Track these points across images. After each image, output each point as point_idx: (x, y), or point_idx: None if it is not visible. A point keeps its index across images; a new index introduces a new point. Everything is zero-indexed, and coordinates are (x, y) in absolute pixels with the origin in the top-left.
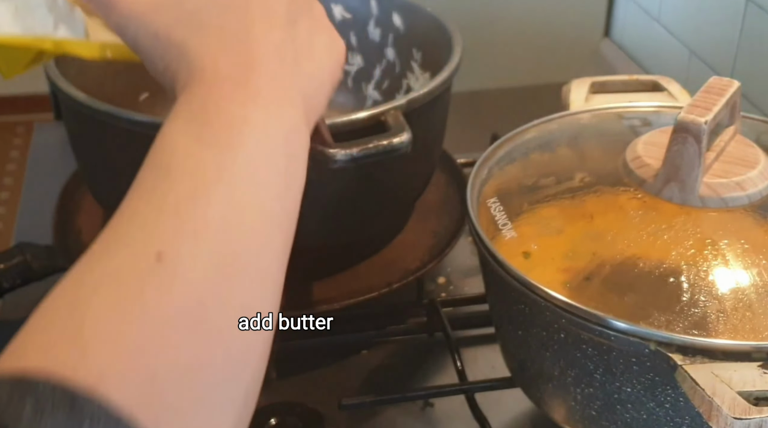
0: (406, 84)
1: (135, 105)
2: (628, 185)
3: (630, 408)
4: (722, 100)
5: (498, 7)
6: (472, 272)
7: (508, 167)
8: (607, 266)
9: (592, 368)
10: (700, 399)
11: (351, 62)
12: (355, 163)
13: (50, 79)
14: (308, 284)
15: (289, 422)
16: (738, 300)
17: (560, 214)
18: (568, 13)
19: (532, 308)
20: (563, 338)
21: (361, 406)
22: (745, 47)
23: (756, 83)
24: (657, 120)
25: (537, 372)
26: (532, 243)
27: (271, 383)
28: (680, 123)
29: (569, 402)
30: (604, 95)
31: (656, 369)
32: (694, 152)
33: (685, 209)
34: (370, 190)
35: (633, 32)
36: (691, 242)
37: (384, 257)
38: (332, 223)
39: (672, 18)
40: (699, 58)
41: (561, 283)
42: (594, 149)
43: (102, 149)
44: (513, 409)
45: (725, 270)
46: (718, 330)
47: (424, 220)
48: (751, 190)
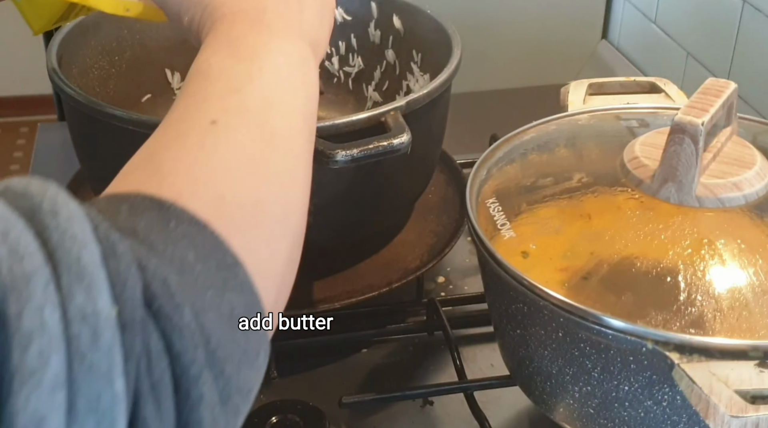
0: (405, 85)
1: (137, 106)
2: (626, 186)
3: (627, 406)
4: (719, 101)
5: (497, 10)
6: (471, 272)
7: (507, 168)
8: (604, 265)
9: (590, 366)
10: (697, 397)
11: (351, 64)
12: (355, 163)
13: (53, 81)
14: (309, 284)
15: (290, 420)
16: (735, 299)
17: (558, 214)
18: (566, 16)
19: (530, 308)
20: (561, 336)
21: (362, 404)
22: (741, 49)
23: (752, 85)
24: (654, 121)
25: (535, 371)
26: (530, 243)
27: (272, 381)
28: (677, 124)
29: (567, 400)
30: (602, 97)
31: (654, 368)
32: (691, 153)
33: (682, 209)
34: (370, 190)
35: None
36: (688, 241)
37: (384, 256)
38: (332, 223)
39: (669, 20)
40: (696, 59)
41: (559, 282)
42: (592, 149)
43: (105, 150)
44: (512, 407)
45: (722, 270)
46: (715, 329)
47: (423, 220)
48: (747, 190)
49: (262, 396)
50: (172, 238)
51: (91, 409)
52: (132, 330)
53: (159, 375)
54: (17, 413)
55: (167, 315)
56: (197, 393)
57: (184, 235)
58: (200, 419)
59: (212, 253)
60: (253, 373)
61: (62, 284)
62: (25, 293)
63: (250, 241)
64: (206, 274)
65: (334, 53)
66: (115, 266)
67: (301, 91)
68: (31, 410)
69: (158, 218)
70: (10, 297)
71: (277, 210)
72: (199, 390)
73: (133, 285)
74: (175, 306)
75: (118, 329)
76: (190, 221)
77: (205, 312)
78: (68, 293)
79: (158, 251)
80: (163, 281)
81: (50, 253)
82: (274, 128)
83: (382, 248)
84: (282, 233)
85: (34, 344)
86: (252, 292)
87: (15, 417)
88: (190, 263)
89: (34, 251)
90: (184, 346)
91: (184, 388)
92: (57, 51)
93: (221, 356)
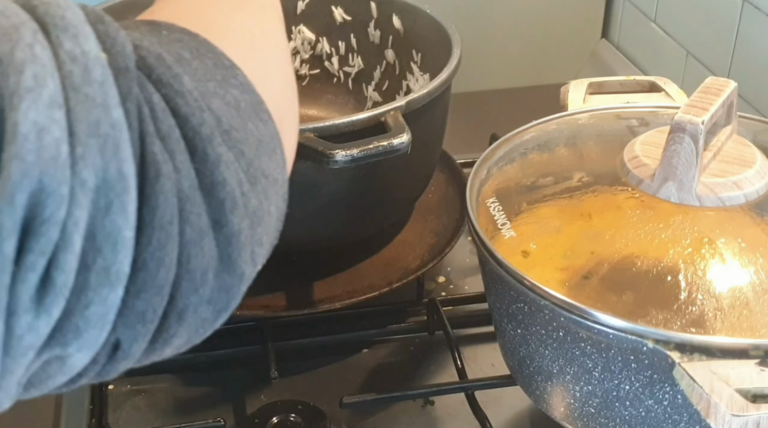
0: (405, 85)
1: None
2: (626, 185)
3: (628, 405)
4: (719, 100)
5: (496, 9)
6: (471, 272)
7: (507, 167)
8: (605, 264)
9: (590, 365)
10: (698, 396)
11: (351, 64)
12: (355, 163)
13: None
14: (309, 284)
15: (291, 420)
16: (735, 298)
17: (559, 213)
18: (566, 15)
19: (531, 307)
20: (562, 336)
21: (362, 404)
22: (741, 47)
23: (752, 83)
24: (654, 120)
25: (536, 370)
26: (530, 242)
27: (273, 381)
28: (677, 123)
29: (568, 399)
30: (602, 96)
31: (654, 367)
32: (691, 152)
33: (682, 208)
34: (370, 190)
35: (630, 34)
36: (689, 240)
37: (384, 256)
38: (332, 223)
39: (669, 19)
40: (696, 58)
41: (560, 282)
42: (592, 149)
43: None
44: (512, 407)
45: (722, 268)
46: (715, 328)
47: (424, 220)
48: (747, 189)
49: (262, 397)
50: (165, 40)
51: (92, 133)
52: (126, 75)
53: (167, 130)
54: (18, 123)
55: (167, 82)
56: (213, 152)
57: (178, 40)
58: (224, 179)
59: (206, 53)
60: (275, 165)
61: (50, 32)
62: (14, 36)
63: (242, 57)
64: (204, 68)
65: (334, 53)
66: (104, 29)
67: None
68: (31, 120)
69: (151, 29)
70: (1, 40)
71: (263, 43)
72: (215, 150)
73: (123, 43)
74: (173, 75)
75: (109, 69)
76: (182, 31)
77: (210, 97)
78: (56, 40)
79: (152, 44)
80: (158, 55)
81: (38, 17)
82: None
83: (383, 248)
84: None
85: (28, 69)
86: (254, 92)
87: (17, 126)
88: (186, 59)
89: (19, 11)
90: (190, 109)
91: (200, 148)
92: None
93: (236, 137)
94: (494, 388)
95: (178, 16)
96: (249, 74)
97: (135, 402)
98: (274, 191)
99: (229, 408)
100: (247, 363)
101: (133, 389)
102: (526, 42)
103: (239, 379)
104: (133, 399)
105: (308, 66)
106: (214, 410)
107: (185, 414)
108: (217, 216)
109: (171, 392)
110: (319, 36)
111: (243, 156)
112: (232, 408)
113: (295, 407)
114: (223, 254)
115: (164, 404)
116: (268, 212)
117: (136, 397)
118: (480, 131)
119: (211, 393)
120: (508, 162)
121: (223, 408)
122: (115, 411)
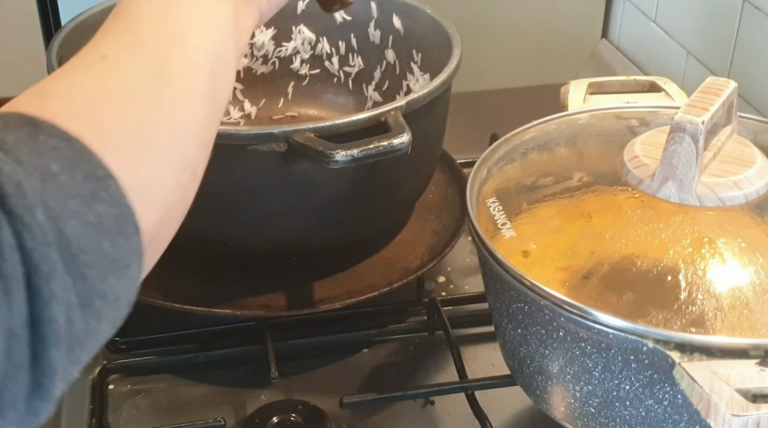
0: (406, 85)
1: None
2: (626, 185)
3: (628, 405)
4: (719, 100)
5: (496, 9)
6: (472, 271)
7: (508, 167)
8: (605, 264)
9: (590, 365)
10: (698, 396)
11: (351, 64)
12: (355, 163)
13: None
14: (309, 284)
15: (291, 420)
16: (735, 298)
17: (559, 213)
18: (566, 15)
19: (531, 307)
20: (562, 336)
21: (363, 404)
22: (741, 48)
23: (752, 83)
24: (654, 120)
25: (536, 370)
26: (531, 242)
27: (273, 381)
28: (677, 123)
29: (568, 399)
30: (602, 96)
31: (654, 367)
32: (691, 152)
33: (682, 208)
34: (370, 190)
35: (630, 34)
36: (689, 240)
37: (384, 256)
38: (333, 223)
39: (669, 19)
40: (696, 58)
41: (560, 282)
42: (592, 149)
43: None
44: (513, 407)
45: (723, 268)
46: (715, 328)
47: (424, 219)
48: (747, 189)
49: (262, 397)
50: (38, 150)
51: None
52: None
53: (9, 270)
54: None
55: (18, 215)
56: (48, 290)
57: (53, 148)
58: (51, 316)
59: (79, 165)
60: (122, 282)
61: None
62: None
63: (128, 160)
64: (71, 184)
65: (334, 53)
66: None
67: (214, 32)
68: None
69: (28, 133)
70: None
71: (162, 137)
72: (50, 288)
73: None
74: (26, 207)
75: None
76: (61, 136)
77: (66, 218)
78: None
79: (20, 161)
80: (17, 183)
81: None
82: (168, 62)
83: (383, 248)
84: (168, 160)
85: None
86: (125, 205)
87: None
88: (54, 173)
89: None
90: (35, 244)
91: (36, 285)
92: (57, 51)
93: (83, 261)
94: (494, 388)
95: (75, 105)
96: (129, 180)
97: (135, 402)
98: (111, 309)
99: (229, 408)
100: (247, 363)
101: (133, 389)
102: (526, 42)
103: (239, 379)
104: (133, 399)
105: (308, 66)
106: (214, 410)
107: (185, 414)
108: (37, 349)
109: (171, 392)
110: (319, 36)
111: (83, 280)
112: (232, 408)
113: (295, 407)
114: (36, 384)
115: (164, 404)
116: (96, 332)
117: (136, 397)
118: (480, 131)
119: (211, 393)
120: (508, 162)
121: (223, 408)
122: (115, 411)
